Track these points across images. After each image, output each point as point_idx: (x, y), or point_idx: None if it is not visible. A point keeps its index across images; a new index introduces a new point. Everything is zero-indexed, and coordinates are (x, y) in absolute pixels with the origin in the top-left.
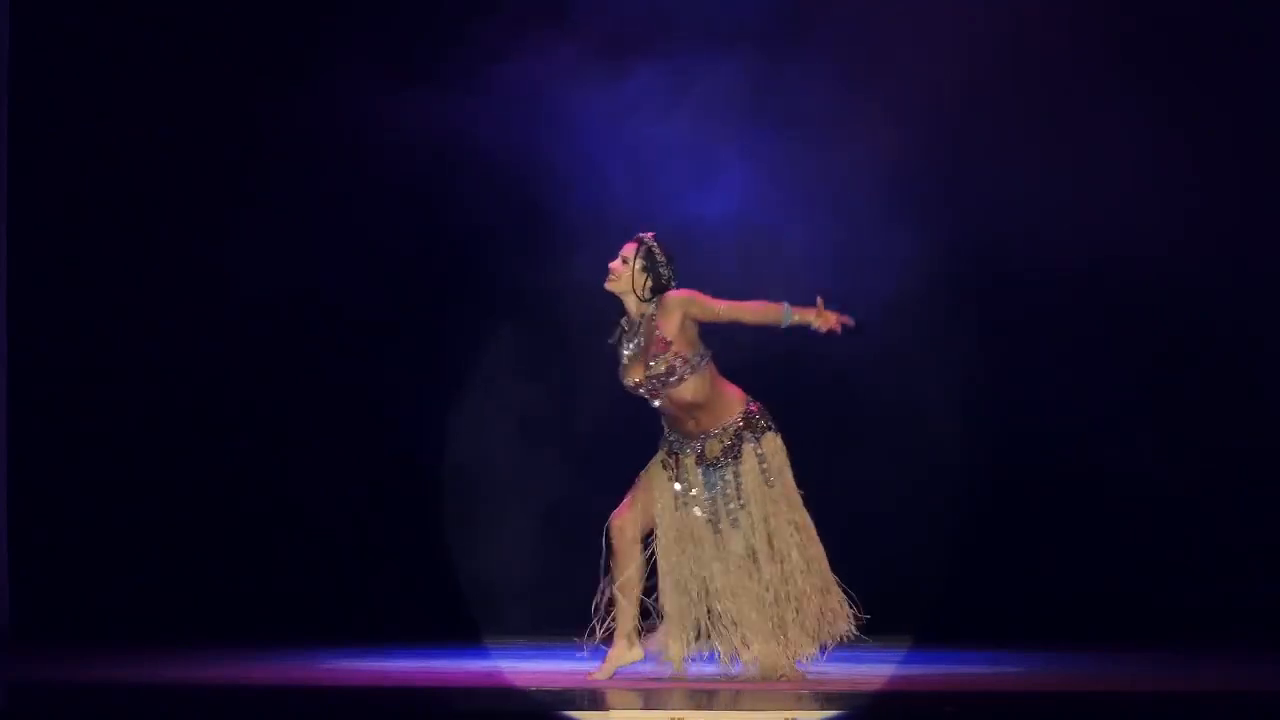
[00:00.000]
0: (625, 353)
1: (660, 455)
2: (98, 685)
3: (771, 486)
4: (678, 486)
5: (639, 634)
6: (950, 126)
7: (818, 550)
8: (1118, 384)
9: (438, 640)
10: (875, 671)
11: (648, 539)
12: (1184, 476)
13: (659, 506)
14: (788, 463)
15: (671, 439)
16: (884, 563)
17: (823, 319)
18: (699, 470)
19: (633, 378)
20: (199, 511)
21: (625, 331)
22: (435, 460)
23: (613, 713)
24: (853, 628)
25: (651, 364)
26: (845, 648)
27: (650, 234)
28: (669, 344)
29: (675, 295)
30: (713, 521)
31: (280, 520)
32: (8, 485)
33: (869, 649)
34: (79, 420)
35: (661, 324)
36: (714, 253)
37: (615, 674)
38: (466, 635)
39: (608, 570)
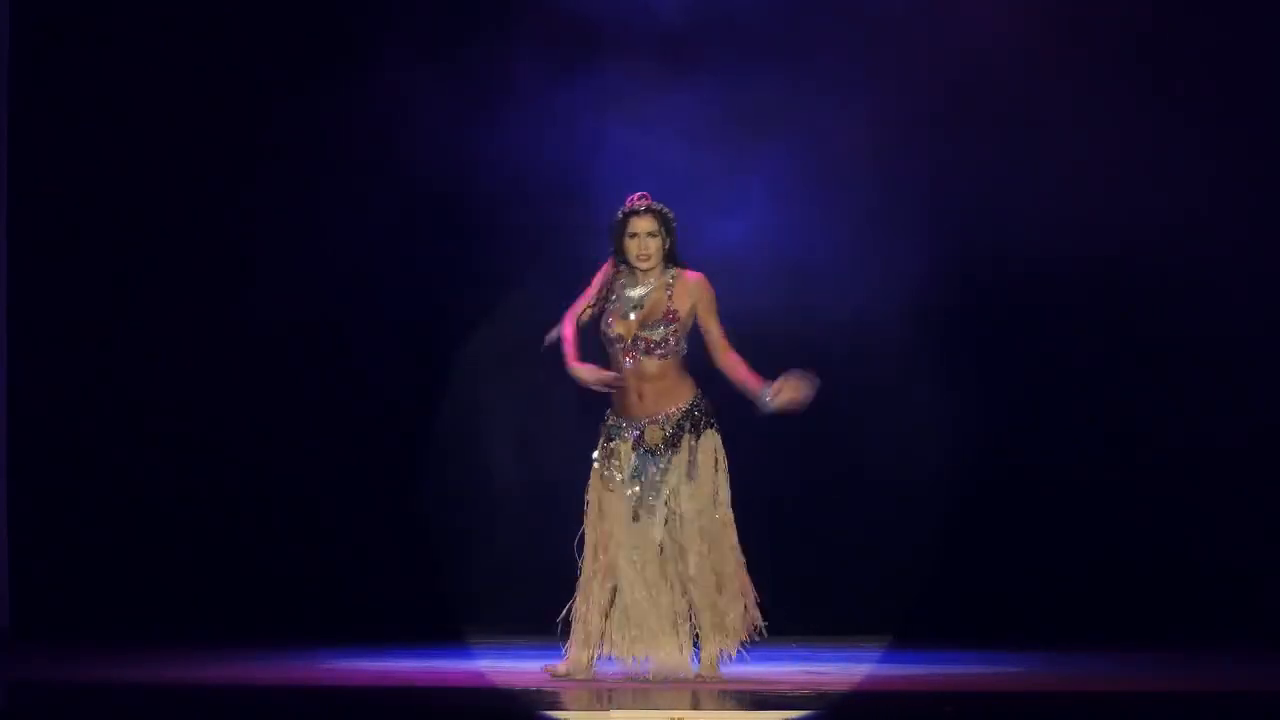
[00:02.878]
0: (622, 304)
1: (596, 458)
2: (98, 685)
3: (692, 480)
4: (616, 479)
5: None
6: (944, 135)
7: (723, 557)
8: (1117, 384)
9: (438, 640)
10: (874, 671)
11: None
12: (1184, 477)
13: (610, 518)
14: (723, 462)
15: (610, 424)
16: (884, 563)
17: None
18: (632, 455)
19: (623, 329)
20: (199, 511)
21: (625, 283)
22: (436, 460)
23: (613, 713)
24: (745, 639)
25: (648, 327)
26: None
27: (645, 196)
28: (676, 318)
29: (698, 281)
30: (634, 510)
31: (280, 520)
32: (8, 485)
33: (868, 649)
34: (79, 420)
35: (677, 298)
36: (712, 266)
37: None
38: (467, 635)
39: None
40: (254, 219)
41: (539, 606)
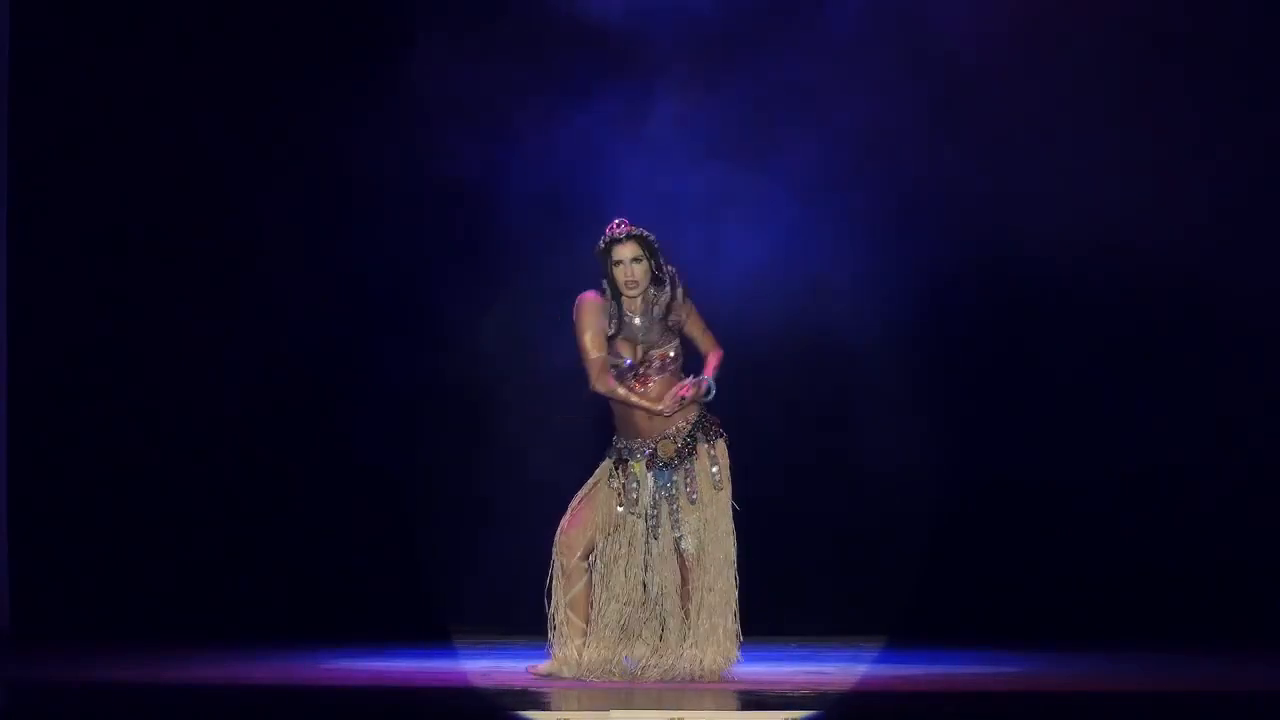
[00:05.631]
0: (625, 332)
1: (605, 466)
2: (98, 685)
3: (719, 490)
4: (621, 498)
5: (583, 648)
6: (944, 141)
7: (729, 562)
8: (1117, 386)
9: (436, 641)
10: (874, 672)
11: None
12: (1184, 476)
13: (602, 521)
14: (729, 473)
15: (620, 446)
16: (884, 563)
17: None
18: (649, 475)
19: (631, 355)
20: (199, 511)
21: (620, 310)
22: (433, 460)
23: (613, 713)
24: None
25: (654, 348)
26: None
27: (625, 222)
28: (675, 334)
29: (681, 292)
30: (651, 527)
31: (280, 521)
32: (8, 485)
33: (867, 649)
34: (79, 420)
35: (674, 312)
36: (712, 275)
37: (554, 678)
38: (465, 636)
39: (558, 585)
40: (258, 219)
41: (538, 607)
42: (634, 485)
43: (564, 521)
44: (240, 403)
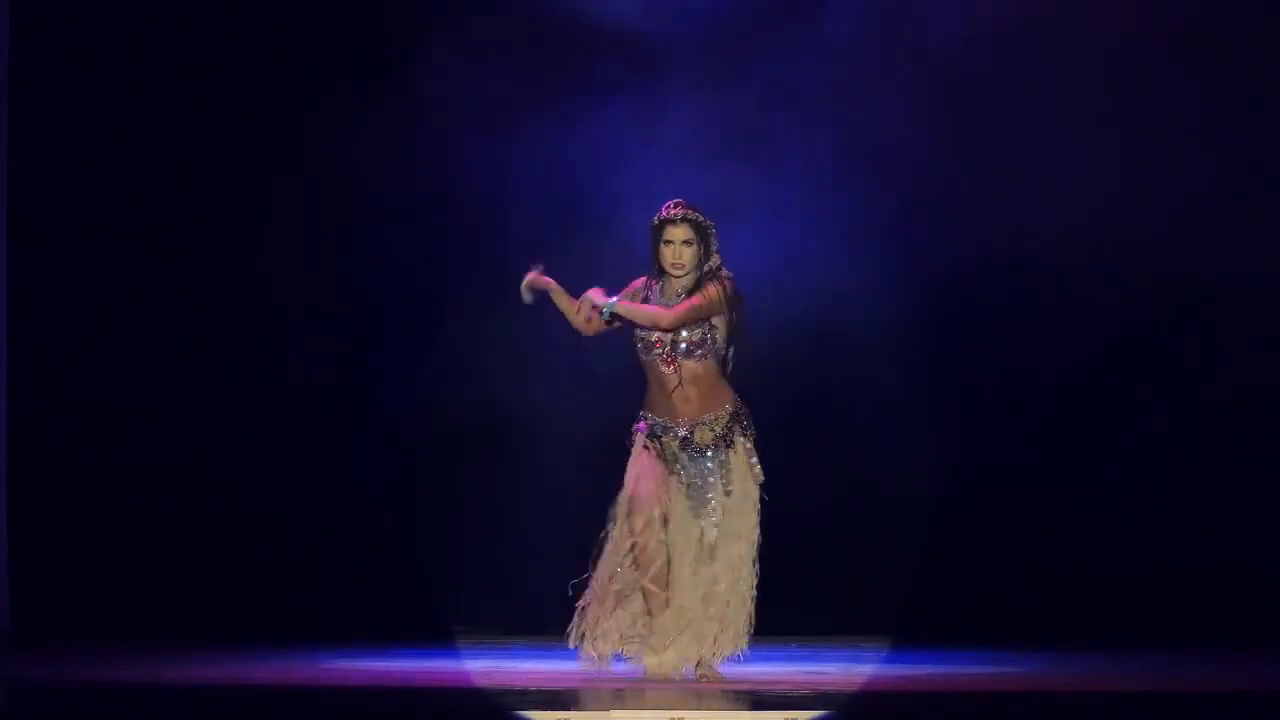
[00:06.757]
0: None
1: (640, 439)
2: (98, 685)
3: (758, 482)
4: (667, 465)
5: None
6: (944, 141)
7: (747, 559)
8: (1117, 386)
9: (436, 640)
10: (874, 672)
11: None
12: (1184, 476)
13: (661, 478)
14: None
15: (654, 423)
16: (884, 563)
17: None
18: (684, 455)
19: (661, 335)
20: (199, 511)
21: (659, 289)
22: (434, 460)
23: (613, 713)
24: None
25: (686, 329)
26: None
27: (681, 203)
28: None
29: (731, 284)
30: (693, 508)
31: (280, 520)
32: (8, 485)
33: (869, 649)
34: (79, 420)
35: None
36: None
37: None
38: (465, 636)
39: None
40: (258, 220)
41: (538, 607)
42: (671, 459)
43: (629, 483)
44: (240, 402)
